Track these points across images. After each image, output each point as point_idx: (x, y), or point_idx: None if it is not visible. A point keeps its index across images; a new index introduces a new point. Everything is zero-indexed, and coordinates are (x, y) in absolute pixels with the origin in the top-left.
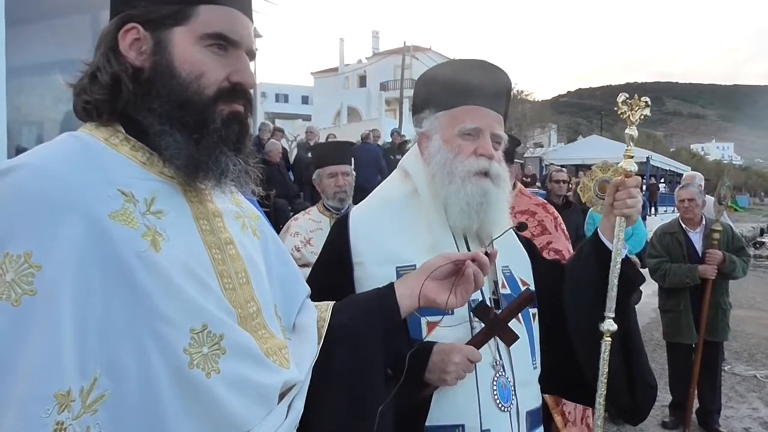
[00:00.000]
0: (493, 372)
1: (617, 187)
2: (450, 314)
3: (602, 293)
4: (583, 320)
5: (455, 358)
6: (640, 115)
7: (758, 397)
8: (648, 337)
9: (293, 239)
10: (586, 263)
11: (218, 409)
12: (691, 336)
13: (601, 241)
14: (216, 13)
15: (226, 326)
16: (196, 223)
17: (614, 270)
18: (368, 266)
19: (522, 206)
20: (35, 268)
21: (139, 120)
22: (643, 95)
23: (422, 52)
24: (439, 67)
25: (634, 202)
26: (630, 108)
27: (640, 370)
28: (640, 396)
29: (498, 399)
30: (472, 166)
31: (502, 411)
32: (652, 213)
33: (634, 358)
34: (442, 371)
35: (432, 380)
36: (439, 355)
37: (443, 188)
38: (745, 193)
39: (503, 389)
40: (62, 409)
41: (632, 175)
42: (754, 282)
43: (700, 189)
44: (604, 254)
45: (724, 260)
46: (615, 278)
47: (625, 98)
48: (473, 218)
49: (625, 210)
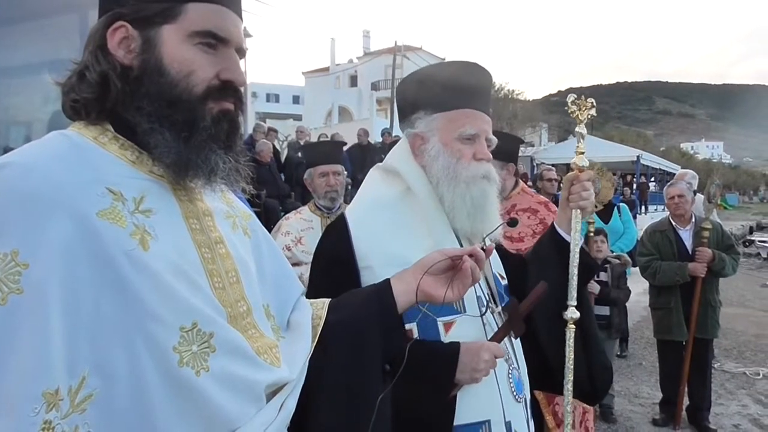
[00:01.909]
0: (507, 365)
1: (572, 181)
2: (462, 312)
3: (562, 283)
4: (545, 309)
5: (485, 356)
6: (587, 114)
7: (748, 394)
8: (639, 335)
9: (284, 238)
10: (546, 255)
11: (208, 407)
12: (681, 333)
13: (558, 234)
14: (205, 10)
15: (216, 324)
16: (185, 222)
17: (573, 260)
18: (377, 270)
19: (524, 204)
20: (22, 266)
21: (127, 118)
22: (633, 94)
23: (413, 51)
24: (430, 69)
25: (587, 194)
26: (578, 108)
27: (597, 353)
28: (599, 378)
29: (515, 391)
30: (477, 171)
31: (518, 402)
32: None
33: (591, 342)
34: (474, 370)
35: (463, 380)
36: (468, 355)
37: (449, 192)
38: (734, 191)
39: (517, 381)
40: (50, 408)
41: (584, 170)
42: (744, 280)
43: (689, 186)
44: (562, 245)
45: (714, 258)
46: (575, 268)
47: (573, 98)
48: (479, 220)
49: (580, 202)
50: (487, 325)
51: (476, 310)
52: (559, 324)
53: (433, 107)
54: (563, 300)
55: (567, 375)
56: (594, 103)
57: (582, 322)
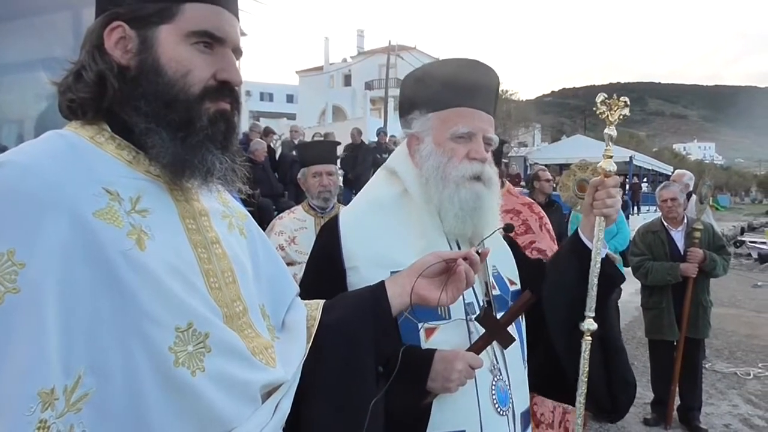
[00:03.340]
0: (491, 376)
1: (596, 187)
2: (447, 319)
3: (582, 292)
4: (563, 319)
5: (458, 366)
6: (619, 115)
7: (738, 394)
8: (631, 335)
9: (278, 238)
10: (566, 262)
11: (204, 407)
12: (672, 333)
13: (581, 241)
14: (202, 10)
15: (212, 325)
16: (182, 222)
17: (594, 269)
18: (362, 270)
19: (508, 205)
20: (18, 265)
21: (124, 118)
22: (625, 95)
23: (407, 51)
24: (429, 66)
25: (613, 201)
26: (609, 108)
27: (620, 368)
28: (620, 394)
29: (497, 403)
30: (466, 171)
31: (500, 415)
32: (634, 212)
33: (614, 356)
34: (446, 379)
35: (435, 388)
36: (441, 363)
37: (437, 193)
38: (726, 192)
39: (501, 393)
40: (45, 407)
41: (611, 175)
42: (735, 280)
43: (685, 187)
44: (584, 253)
45: (705, 258)
46: (595, 278)
47: (604, 98)
48: (467, 223)
49: (604, 210)
50: (474, 334)
51: (462, 317)
52: (575, 334)
53: (427, 107)
54: (582, 310)
55: (580, 387)
56: (627, 101)
57: (604, 335)
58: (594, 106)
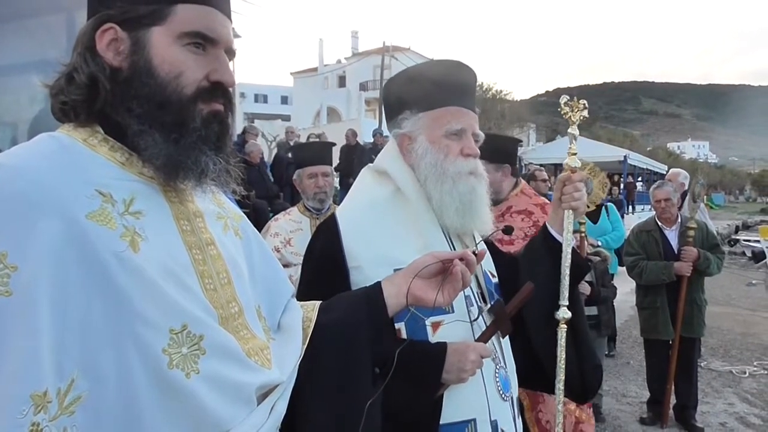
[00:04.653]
0: (494, 365)
1: (564, 182)
2: (450, 312)
3: (554, 282)
4: (539, 311)
5: (471, 356)
6: (579, 116)
7: (734, 392)
8: (626, 334)
9: (273, 240)
10: (538, 254)
11: (198, 409)
12: (667, 332)
13: (550, 234)
14: (194, 11)
15: (207, 326)
16: (176, 223)
17: (565, 260)
18: (366, 269)
19: (520, 206)
20: (11, 268)
21: (117, 120)
22: (619, 94)
23: (401, 52)
24: (415, 68)
25: (579, 195)
26: (571, 109)
27: (588, 352)
28: (589, 376)
29: (501, 389)
30: (463, 167)
31: (504, 401)
32: (629, 211)
33: (582, 341)
34: (460, 370)
35: (449, 380)
36: (455, 356)
37: (436, 189)
38: (720, 191)
39: (504, 380)
40: (38, 410)
41: (576, 171)
42: (730, 279)
43: (676, 187)
44: (554, 246)
45: (699, 257)
46: (566, 268)
47: (566, 100)
48: (467, 216)
49: (572, 203)
50: (475, 325)
51: (464, 310)
52: (551, 324)
53: (418, 107)
54: (555, 300)
55: (558, 375)
56: (586, 104)
57: (573, 321)
58: (559, 107)
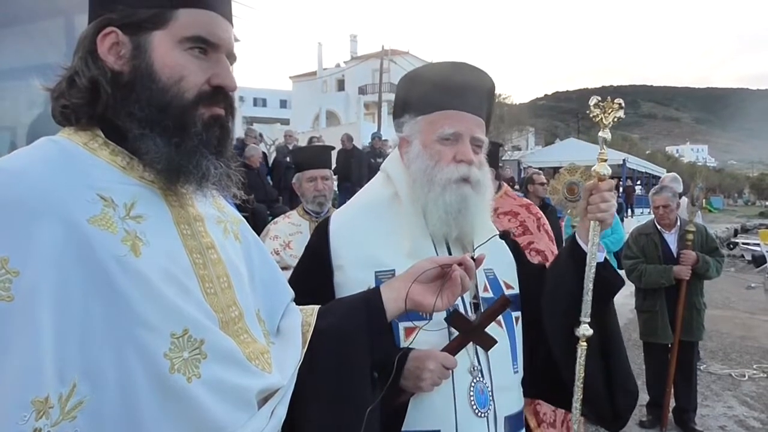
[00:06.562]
0: (471, 377)
1: (591, 191)
2: (428, 319)
3: (578, 297)
4: (559, 324)
5: (430, 365)
6: (613, 117)
7: (733, 395)
8: (626, 337)
9: (272, 243)
10: (564, 267)
11: (199, 414)
12: (666, 336)
13: (578, 245)
14: (195, 16)
15: (207, 331)
16: (176, 227)
17: (589, 274)
18: (347, 270)
19: (505, 207)
20: (12, 273)
21: (118, 124)
22: (618, 98)
23: (400, 55)
24: (419, 70)
25: (607, 206)
26: (603, 111)
27: (620, 375)
28: (620, 402)
29: (474, 404)
30: (452, 174)
31: (478, 416)
32: (628, 215)
33: (614, 363)
34: (417, 378)
35: (407, 387)
36: (414, 362)
37: (423, 195)
38: (719, 194)
39: (480, 394)
40: (40, 416)
41: (605, 179)
42: (729, 282)
43: (673, 192)
44: (581, 258)
45: (698, 261)
46: (590, 282)
47: (597, 101)
48: (451, 225)
49: (598, 214)
50: (454, 335)
51: (443, 318)
52: (572, 340)
53: (416, 110)
54: (576, 315)
55: (576, 393)
56: (622, 104)
57: (603, 341)
58: (588, 110)
